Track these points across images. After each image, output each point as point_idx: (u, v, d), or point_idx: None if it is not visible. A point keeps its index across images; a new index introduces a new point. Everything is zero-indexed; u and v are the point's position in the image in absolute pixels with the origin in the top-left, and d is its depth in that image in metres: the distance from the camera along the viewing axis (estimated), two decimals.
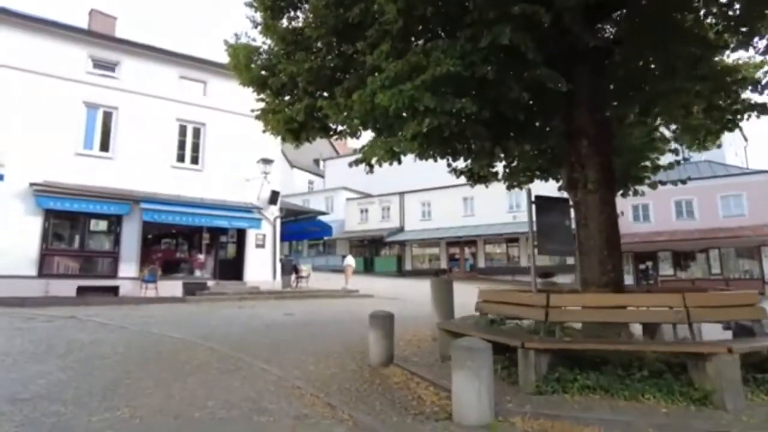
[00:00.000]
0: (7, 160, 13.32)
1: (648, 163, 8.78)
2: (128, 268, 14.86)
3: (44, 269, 13.64)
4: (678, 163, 8.67)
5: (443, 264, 33.49)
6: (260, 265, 17.07)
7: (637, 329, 6.59)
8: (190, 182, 16.26)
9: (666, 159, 8.95)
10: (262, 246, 17.21)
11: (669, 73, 6.42)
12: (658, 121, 8.25)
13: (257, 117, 8.41)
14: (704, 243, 25.95)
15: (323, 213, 19.60)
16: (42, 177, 13.73)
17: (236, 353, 6.88)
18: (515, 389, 4.62)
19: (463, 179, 9.97)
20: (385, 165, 6.29)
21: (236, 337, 8.43)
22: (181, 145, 16.55)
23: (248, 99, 8.70)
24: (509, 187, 9.52)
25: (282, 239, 21.08)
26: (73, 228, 14.43)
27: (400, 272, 34.22)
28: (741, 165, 31.77)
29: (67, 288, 13.71)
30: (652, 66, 6.86)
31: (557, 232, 6.82)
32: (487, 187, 9.59)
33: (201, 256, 16.70)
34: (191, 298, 14.81)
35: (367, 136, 6.72)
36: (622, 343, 5.00)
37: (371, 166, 6.62)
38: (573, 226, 6.83)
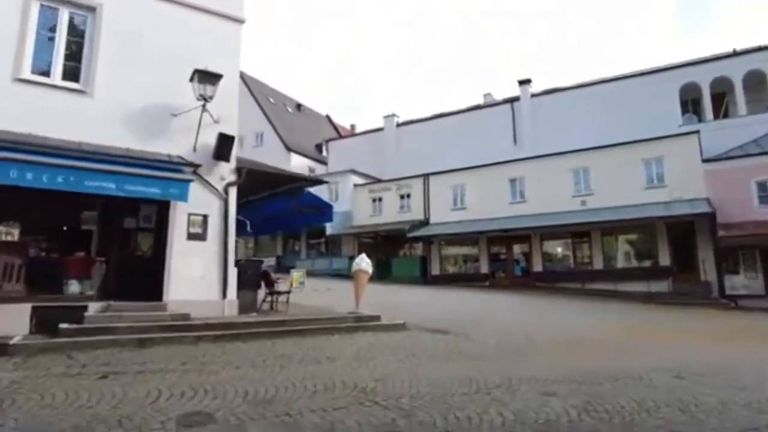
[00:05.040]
0: None
1: None
2: None
3: None
4: None
5: (483, 267, 25.42)
6: (196, 272, 9.18)
7: None
8: (61, 113, 8.48)
9: None
10: (201, 236, 9.33)
11: None
12: None
13: None
14: None
15: (317, 181, 11.36)
16: None
17: None
18: None
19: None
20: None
21: None
22: (43, 45, 8.76)
23: None
24: None
25: (255, 231, 13.33)
26: None
27: (425, 278, 26.24)
28: None
29: None
30: None
31: None
32: None
33: (82, 256, 8.88)
34: (32, 343, 6.97)
35: None
36: None
37: None
38: None
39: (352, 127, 55.97)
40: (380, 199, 29.75)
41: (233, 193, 9.76)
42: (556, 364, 6.69)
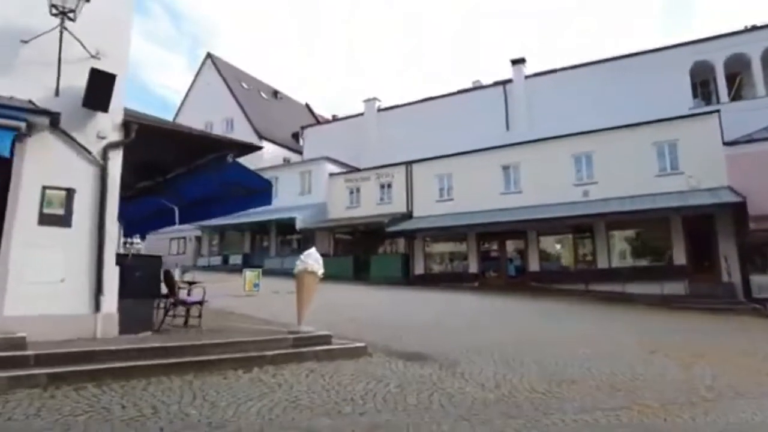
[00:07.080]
0: None
1: None
2: None
3: None
4: None
5: (472, 266, 22.61)
6: (52, 273, 6.15)
7: None
8: None
9: None
10: (63, 220, 6.29)
11: None
12: None
13: None
14: None
15: (246, 146, 7.94)
16: None
17: None
18: None
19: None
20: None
21: None
22: None
23: None
24: None
25: (183, 221, 10.29)
26: None
27: (408, 279, 23.35)
28: None
29: None
30: None
31: None
32: None
33: None
34: None
35: None
36: None
37: None
38: None
39: (333, 117, 52.87)
40: (358, 190, 26.80)
41: (117, 158, 6.71)
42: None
